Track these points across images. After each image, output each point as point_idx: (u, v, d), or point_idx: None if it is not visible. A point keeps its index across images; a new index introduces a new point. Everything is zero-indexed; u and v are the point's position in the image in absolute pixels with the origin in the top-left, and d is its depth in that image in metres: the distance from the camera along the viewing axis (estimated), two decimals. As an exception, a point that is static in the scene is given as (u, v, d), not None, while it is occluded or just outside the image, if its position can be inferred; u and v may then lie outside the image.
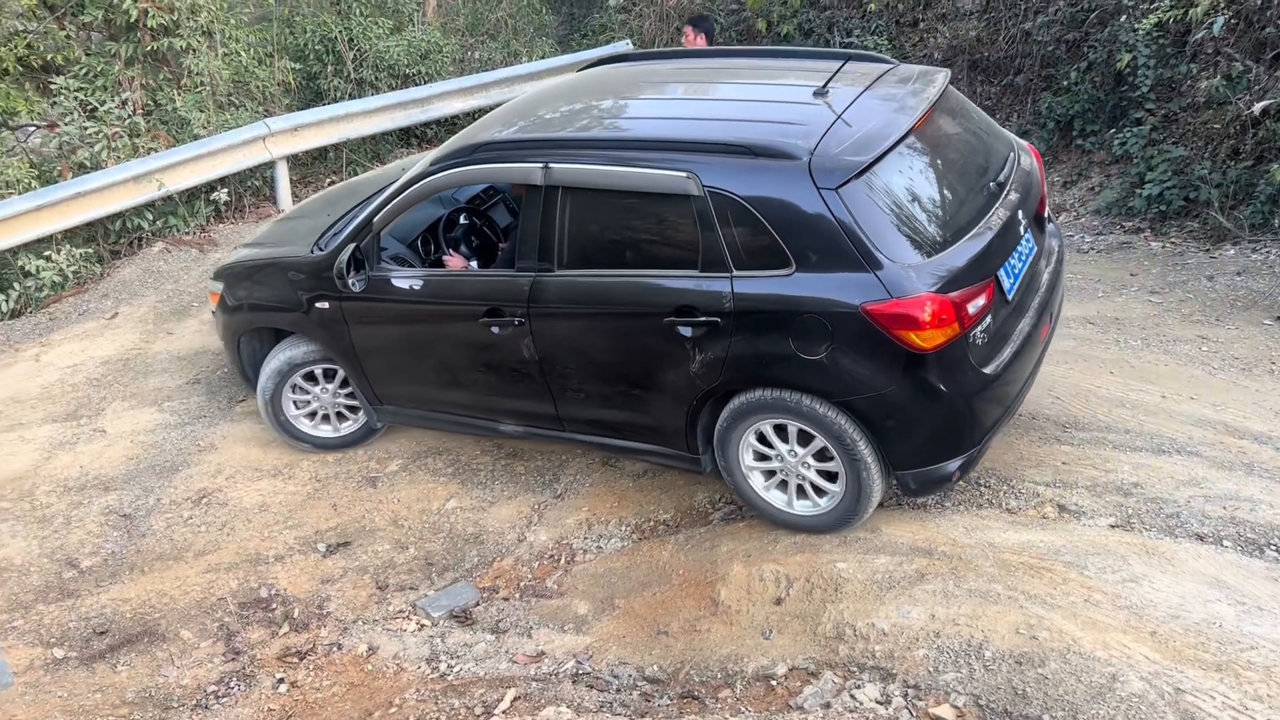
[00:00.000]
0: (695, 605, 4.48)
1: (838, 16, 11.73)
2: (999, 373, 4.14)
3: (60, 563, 5.26)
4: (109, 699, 4.49)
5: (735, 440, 4.51)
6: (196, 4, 9.52)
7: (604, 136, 4.60)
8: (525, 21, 13.75)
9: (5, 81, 9.69)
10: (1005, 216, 4.28)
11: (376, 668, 4.55)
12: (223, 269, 6.03)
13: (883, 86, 4.58)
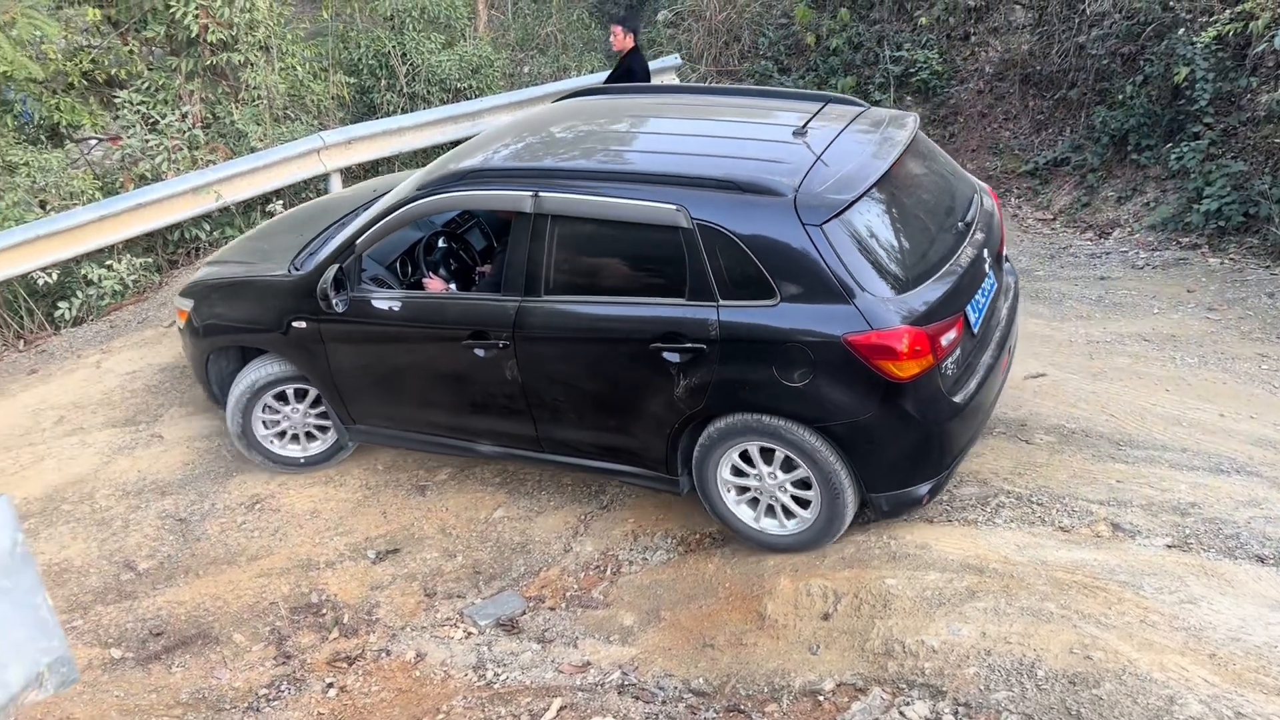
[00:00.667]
0: (741, 619, 4.47)
1: (887, 30, 11.69)
2: (966, 401, 4.35)
3: (118, 565, 5.37)
4: (164, 699, 4.56)
5: (713, 463, 4.63)
6: (254, 19, 9.73)
7: (594, 168, 4.68)
8: (574, 36, 13.88)
9: (70, 95, 9.96)
10: (972, 255, 4.51)
11: (424, 674, 4.59)
12: (192, 286, 5.94)
13: (857, 129, 4.78)
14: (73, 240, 8.08)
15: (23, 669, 2.23)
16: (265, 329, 5.47)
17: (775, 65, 12.64)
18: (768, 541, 4.74)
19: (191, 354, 6.01)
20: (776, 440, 4.40)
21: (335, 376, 5.36)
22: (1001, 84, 10.65)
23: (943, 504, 4.83)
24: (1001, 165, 10.37)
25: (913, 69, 11.28)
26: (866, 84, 11.80)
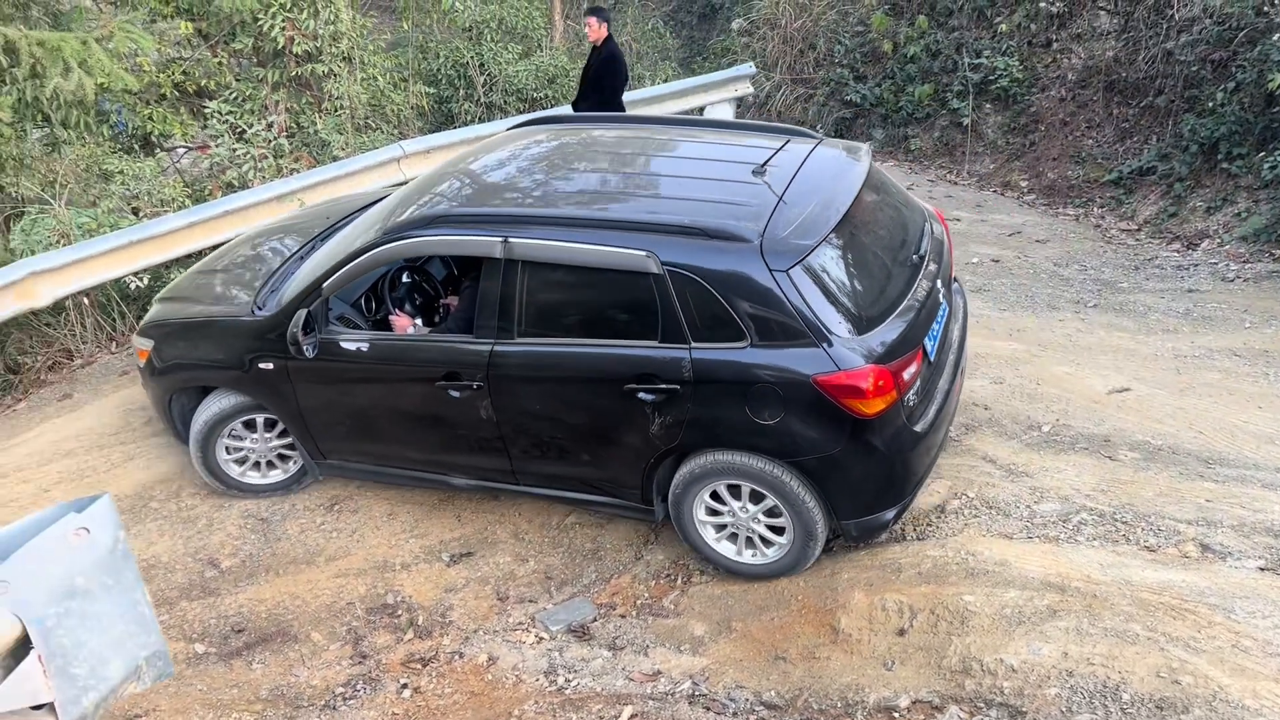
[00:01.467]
0: (814, 632, 4.43)
1: (966, 38, 11.53)
2: (927, 429, 4.48)
3: (203, 562, 5.52)
4: (244, 695, 4.67)
5: (689, 501, 4.77)
6: (338, 31, 9.96)
7: (563, 215, 4.68)
8: (648, 45, 13.93)
9: (162, 106, 10.31)
10: (927, 287, 4.66)
11: (496, 678, 4.62)
12: (151, 326, 5.86)
13: (814, 164, 4.87)
14: (164, 246, 8.33)
15: (123, 662, 2.31)
16: (230, 369, 5.44)
17: (851, 73, 12.54)
18: (744, 571, 4.89)
19: (153, 394, 5.93)
20: (749, 478, 4.55)
21: (304, 414, 5.37)
22: (1085, 91, 10.42)
23: (1022, 520, 4.74)
24: (1084, 174, 10.15)
25: (992, 76, 11.10)
26: (944, 91, 11.65)
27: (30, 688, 2.10)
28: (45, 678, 2.10)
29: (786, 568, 4.76)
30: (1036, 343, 6.93)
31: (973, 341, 6.93)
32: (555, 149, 5.52)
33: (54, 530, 2.26)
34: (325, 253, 5.58)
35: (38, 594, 2.12)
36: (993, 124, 11.34)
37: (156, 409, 6.03)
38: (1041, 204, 10.32)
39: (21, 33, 7.86)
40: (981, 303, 7.87)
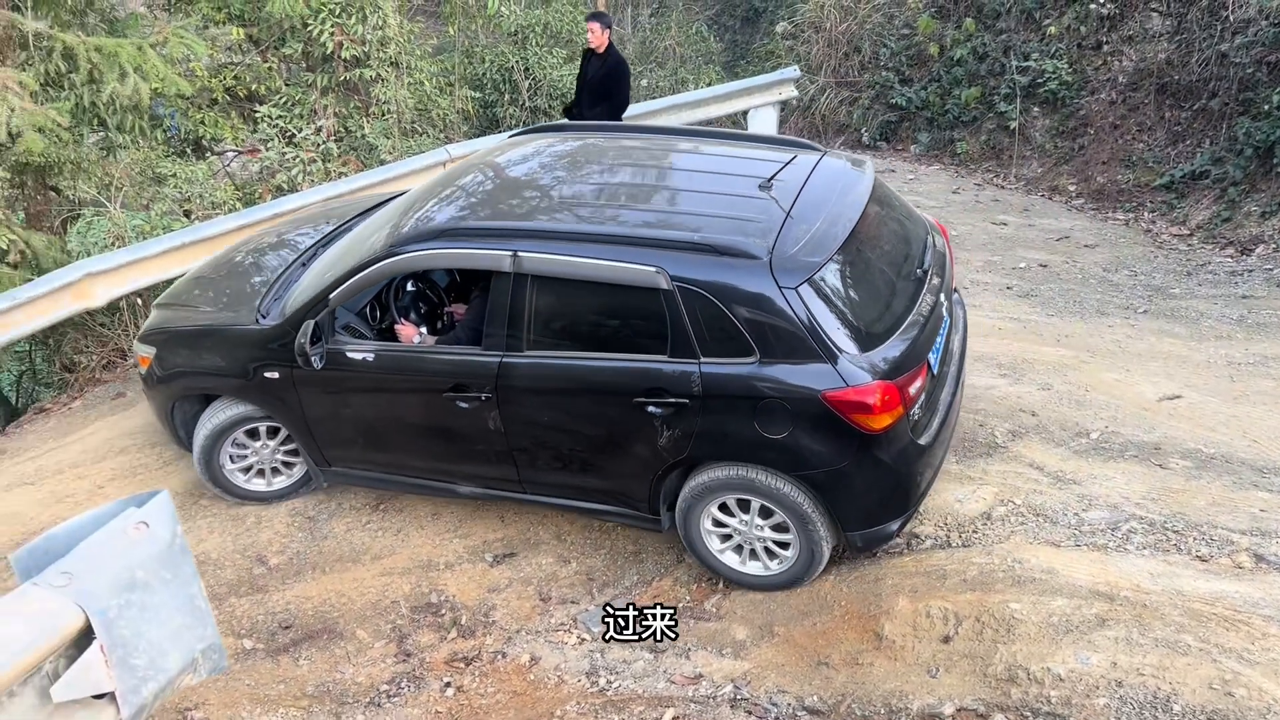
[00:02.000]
0: (858, 638, 4.40)
1: (1014, 40, 11.41)
2: (931, 441, 4.53)
3: (251, 559, 5.60)
4: (290, 690, 4.73)
5: (696, 514, 4.80)
6: (386, 36, 10.09)
7: (573, 229, 4.69)
8: (692, 49, 13.94)
9: (214, 110, 10.49)
10: (931, 302, 4.69)
11: (538, 678, 4.65)
12: (152, 334, 5.81)
13: (819, 178, 4.88)
14: (216, 248, 8.40)
15: (180, 655, 2.37)
16: (234, 377, 5.42)
17: (896, 76, 12.47)
18: (751, 583, 4.91)
19: (156, 402, 5.91)
20: (756, 492, 4.58)
21: (310, 423, 5.37)
22: (1136, 94, 10.27)
23: (1070, 527, 4.68)
24: (1134, 178, 10.00)
25: (1040, 79, 10.98)
26: (991, 95, 11.54)
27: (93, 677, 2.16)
28: (107, 668, 2.16)
29: (793, 579, 4.79)
30: (1085, 349, 6.84)
31: (1020, 347, 6.86)
32: (561, 159, 5.53)
33: (115, 525, 2.32)
34: (329, 261, 5.56)
35: (100, 586, 2.18)
36: (1040, 127, 11.21)
37: (158, 416, 6.00)
38: (1090, 208, 10.18)
39: (80, 39, 8.07)
40: (1029, 308, 7.78)
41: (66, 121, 8.09)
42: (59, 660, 2.17)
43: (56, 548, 2.30)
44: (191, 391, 5.70)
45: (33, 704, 2.11)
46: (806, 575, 4.77)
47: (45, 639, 2.05)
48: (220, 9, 10.37)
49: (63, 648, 2.15)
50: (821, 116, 13.01)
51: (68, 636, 2.12)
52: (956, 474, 5.31)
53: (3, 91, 7.33)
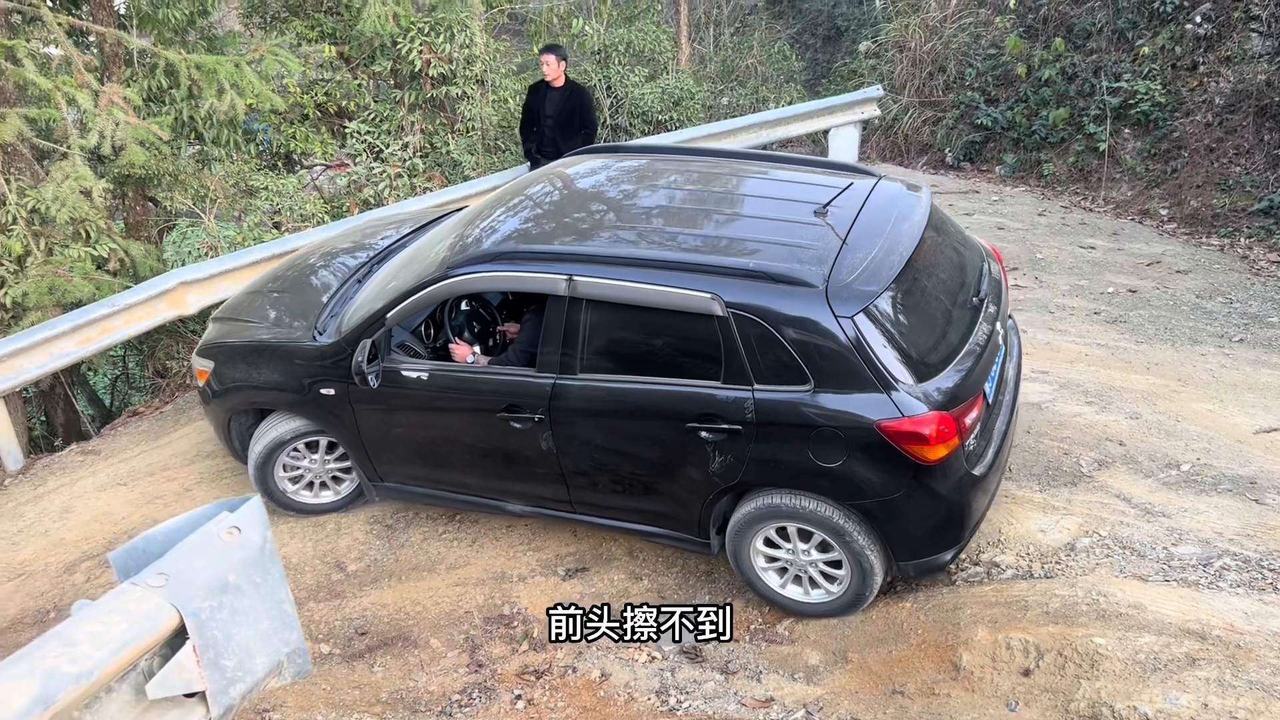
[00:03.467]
0: (934, 668, 4.32)
1: (1105, 60, 11.17)
2: (985, 472, 4.49)
3: (330, 565, 5.71)
4: (365, 696, 4.80)
5: (747, 540, 4.79)
6: (472, 55, 10.27)
7: (628, 254, 4.67)
8: (774, 68, 13.92)
9: (305, 125, 10.79)
10: (987, 331, 4.65)
11: (608, 694, 4.64)
12: (210, 348, 5.87)
13: (874, 204, 4.86)
14: (303, 259, 8.70)
15: (267, 657, 2.43)
16: (290, 392, 5.50)
17: (982, 96, 12.29)
18: (802, 610, 4.90)
19: (213, 415, 5.98)
20: (808, 520, 4.56)
21: (364, 439, 5.43)
22: (1233, 116, 9.95)
23: (1158, 562, 4.53)
24: (1230, 203, 9.69)
25: (1132, 100, 10.72)
26: (1080, 116, 11.30)
27: (185, 676, 2.23)
28: (198, 668, 2.22)
29: (844, 607, 4.77)
30: (1176, 377, 6.63)
31: (1108, 374, 6.68)
32: (614, 180, 5.56)
33: (209, 528, 2.39)
34: (385, 278, 5.62)
35: (194, 588, 2.25)
36: (1132, 149, 10.93)
37: (215, 429, 6.07)
38: (1183, 233, 9.88)
39: (181, 56, 8.37)
40: (1117, 334, 7.58)
41: (167, 135, 8.39)
42: (154, 658, 2.24)
43: (153, 548, 2.38)
44: (248, 406, 5.78)
45: (129, 700, 2.18)
46: (857, 605, 4.74)
47: (143, 637, 2.12)
48: (314, 27, 10.68)
49: (158, 646, 2.22)
50: (904, 136, 12.87)
51: (163, 635, 2.19)
52: (1040, 503, 5.19)
53: (109, 106, 7.64)
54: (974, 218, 10.63)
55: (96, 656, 1.99)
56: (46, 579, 5.82)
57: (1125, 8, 11.21)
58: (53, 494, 6.76)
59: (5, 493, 7.02)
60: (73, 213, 7.84)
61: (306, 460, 5.82)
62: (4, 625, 5.51)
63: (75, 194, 7.74)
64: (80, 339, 7.41)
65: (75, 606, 2.20)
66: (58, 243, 8.29)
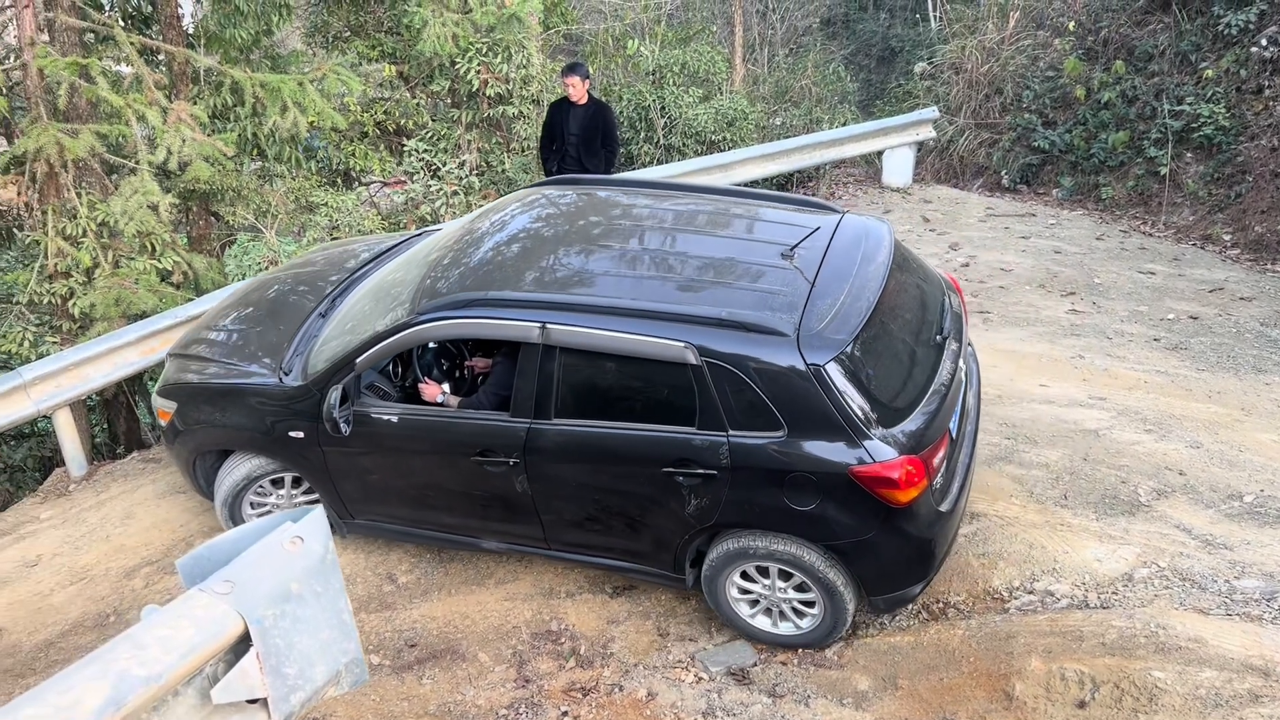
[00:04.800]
0: (986, 696, 4.25)
1: (1167, 83, 11.01)
2: (951, 507, 4.59)
3: (382, 576, 5.77)
4: (414, 708, 4.84)
5: (722, 578, 4.88)
6: (529, 75, 10.40)
7: (601, 304, 4.67)
8: (828, 89, 13.90)
9: (364, 142, 10.99)
10: (950, 369, 4.75)
11: (654, 714, 4.63)
12: (171, 388, 5.73)
13: (839, 245, 4.93)
14: (360, 274, 8.83)
15: (326, 666, 2.47)
16: (257, 433, 5.42)
17: (1039, 118, 12.17)
18: (778, 643, 5.00)
19: (178, 455, 5.84)
20: (781, 560, 4.64)
21: (334, 478, 5.37)
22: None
23: (1220, 595, 4.43)
24: (1296, 229, 9.48)
25: (1195, 124, 10.55)
26: (1141, 139, 11.15)
27: (248, 683, 2.27)
28: (261, 675, 2.27)
29: (818, 639, 4.88)
30: (1239, 407, 6.49)
31: (1168, 401, 6.56)
32: (583, 216, 5.54)
33: (273, 538, 2.45)
34: (350, 314, 5.58)
35: (258, 596, 2.29)
36: (1194, 174, 10.75)
37: (181, 469, 5.95)
38: (1247, 259, 9.68)
39: (247, 75, 8.57)
40: (1177, 361, 7.44)
41: (231, 151, 8.59)
42: (219, 664, 2.29)
43: (218, 556, 2.43)
44: (214, 447, 5.68)
45: (194, 704, 2.23)
46: (832, 635, 4.86)
47: (209, 642, 2.17)
48: (374, 47, 10.89)
49: (223, 652, 2.27)
50: (959, 158, 12.78)
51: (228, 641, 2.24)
52: (1096, 531, 5.10)
53: (177, 123, 7.84)
54: (1030, 241, 10.51)
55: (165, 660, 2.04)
56: (107, 583, 5.95)
57: (1189, 30, 11.06)
58: (114, 500, 6.91)
59: (69, 498, 7.20)
60: (140, 226, 8.05)
61: (274, 496, 5.75)
62: (66, 628, 5.64)
63: (143, 208, 7.94)
64: (144, 349, 7.57)
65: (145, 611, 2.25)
66: (124, 255, 8.51)
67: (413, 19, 9.91)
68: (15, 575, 6.23)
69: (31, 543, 6.58)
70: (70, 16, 8.27)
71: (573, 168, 8.42)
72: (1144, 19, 11.66)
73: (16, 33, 8.30)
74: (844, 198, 11.95)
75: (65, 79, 7.61)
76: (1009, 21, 13.07)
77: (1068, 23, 12.34)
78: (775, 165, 11.18)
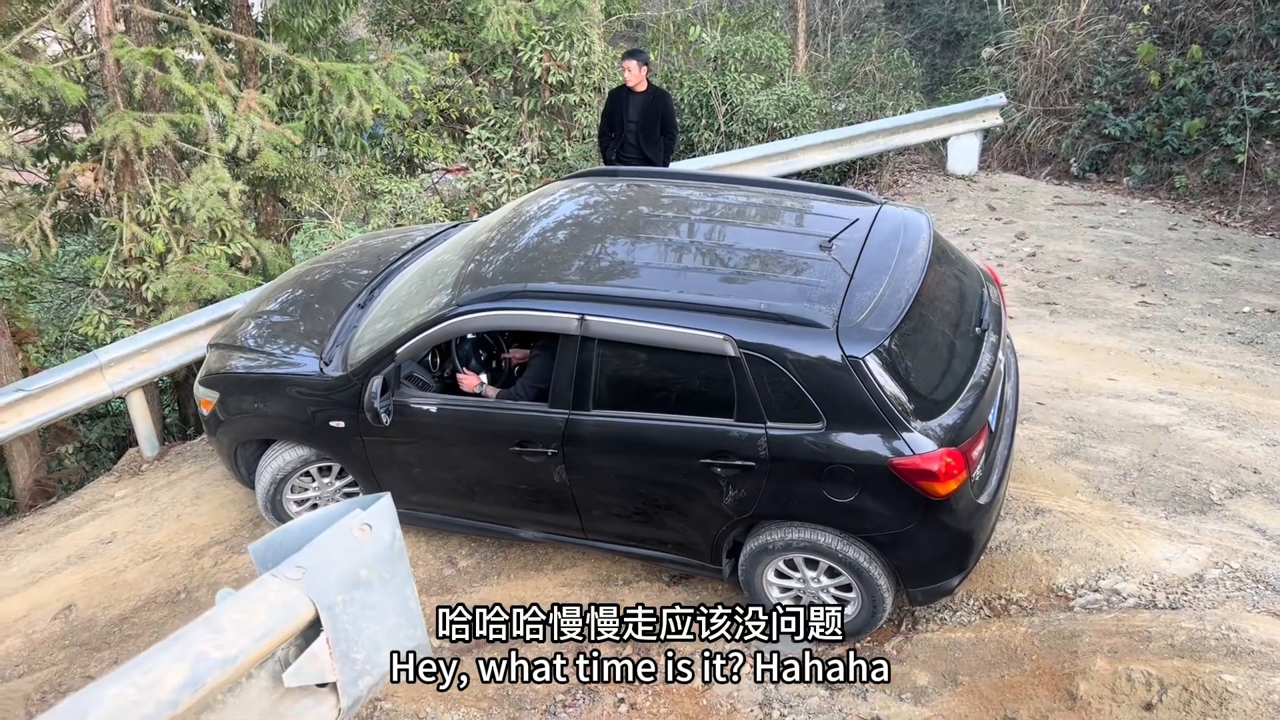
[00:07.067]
0: (1049, 695, 4.20)
1: (1245, 68, 10.68)
2: (990, 499, 4.59)
3: (443, 560, 5.85)
4: (472, 692, 4.89)
5: (759, 569, 4.86)
6: (590, 63, 10.41)
7: (640, 296, 4.66)
8: (892, 75, 13.71)
9: (427, 130, 11.09)
10: (990, 361, 4.72)
11: (711, 704, 4.65)
12: (214, 379, 5.81)
13: (878, 236, 4.89)
14: (422, 261, 8.93)
15: (392, 651, 2.52)
16: (298, 423, 5.50)
17: (1110, 105, 11.88)
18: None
19: (219, 444, 5.94)
20: (819, 552, 4.64)
21: (373, 468, 5.42)
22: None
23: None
24: (1381, 220, 9.15)
25: (1275, 110, 10.22)
26: (1217, 126, 10.83)
27: (319, 667, 2.33)
28: (331, 659, 2.32)
29: (856, 630, 4.83)
30: (1318, 404, 6.30)
31: (1243, 398, 6.39)
32: (624, 208, 5.53)
33: (343, 524, 2.50)
34: (391, 306, 5.62)
35: (329, 582, 2.35)
36: (1272, 161, 10.41)
37: (222, 459, 6.05)
38: (1328, 250, 9.37)
39: (314, 63, 8.70)
40: (1253, 356, 7.24)
41: (299, 139, 8.73)
42: (290, 648, 2.35)
43: (289, 541, 2.49)
44: (255, 436, 5.77)
45: (266, 686, 2.29)
46: (869, 626, 4.82)
47: (282, 626, 2.22)
48: (438, 35, 10.97)
49: (294, 636, 2.32)
50: (1027, 145, 12.52)
51: (300, 626, 2.30)
52: (1165, 530, 5.00)
53: (247, 112, 7.99)
54: (1099, 230, 10.28)
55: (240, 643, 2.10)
56: (178, 561, 6.13)
57: (1269, 13, 10.70)
58: (185, 480, 7.10)
59: (142, 477, 7.41)
60: (211, 212, 8.23)
61: (314, 485, 5.83)
62: (139, 604, 5.82)
63: (213, 195, 8.11)
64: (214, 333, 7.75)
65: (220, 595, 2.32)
66: (195, 241, 8.71)
67: (476, 7, 9.96)
68: (92, 551, 6.44)
69: (106, 520, 6.80)
70: (145, 7, 8.46)
71: (632, 155, 8.42)
72: (1222, 2, 11.30)
73: (95, 23, 8.50)
74: (907, 185, 11.79)
75: (141, 68, 7.79)
76: (1080, 5, 12.76)
77: (1142, 6, 12.01)
78: (838, 153, 11.06)
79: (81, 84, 8.56)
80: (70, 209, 10.27)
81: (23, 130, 10.61)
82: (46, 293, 11.98)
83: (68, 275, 12.19)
